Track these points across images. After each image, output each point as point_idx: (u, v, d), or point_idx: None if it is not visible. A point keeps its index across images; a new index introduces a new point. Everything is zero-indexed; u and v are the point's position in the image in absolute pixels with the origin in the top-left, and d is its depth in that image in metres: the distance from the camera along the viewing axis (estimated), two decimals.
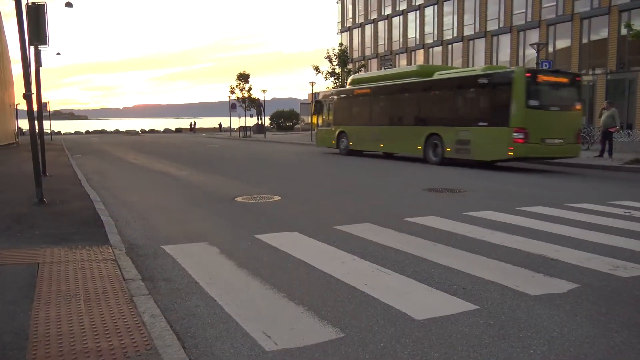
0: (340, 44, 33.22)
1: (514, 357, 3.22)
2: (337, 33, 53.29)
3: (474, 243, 6.20)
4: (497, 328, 3.67)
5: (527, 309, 4.02)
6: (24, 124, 53.99)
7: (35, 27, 12.37)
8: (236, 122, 49.55)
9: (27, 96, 8.03)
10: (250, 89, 46.98)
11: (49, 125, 46.60)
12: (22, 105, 30.36)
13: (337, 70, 32.36)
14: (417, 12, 43.11)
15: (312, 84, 35.68)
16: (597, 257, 5.54)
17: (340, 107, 21.84)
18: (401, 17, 44.91)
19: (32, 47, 12.52)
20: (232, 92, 47.23)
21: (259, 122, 51.47)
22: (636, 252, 5.73)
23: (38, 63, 12.63)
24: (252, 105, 46.84)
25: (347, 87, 22.34)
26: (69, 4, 21.70)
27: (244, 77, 46.82)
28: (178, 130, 67.88)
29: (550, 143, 14.70)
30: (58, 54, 44.71)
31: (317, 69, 32.79)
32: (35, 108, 13.43)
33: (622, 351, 3.30)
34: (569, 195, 10.10)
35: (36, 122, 13.35)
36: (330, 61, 32.28)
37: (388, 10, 46.37)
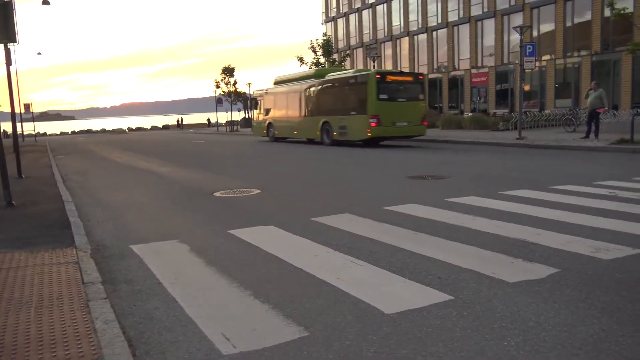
0: (324, 34, 32.84)
1: (487, 350, 3.02)
2: (322, 23, 52.89)
3: (454, 230, 6.01)
4: (471, 319, 3.47)
5: (503, 298, 3.83)
6: (8, 127, 53.29)
7: (3, 25, 12.01)
8: (224, 117, 49.13)
9: None
10: (235, 82, 46.59)
11: (32, 127, 46.01)
12: (5, 107, 29.81)
13: (322, 60, 32.00)
14: None
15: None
16: (578, 239, 5.36)
17: (268, 103, 26.62)
18: (385, 5, 44.59)
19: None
20: (218, 87, 46.81)
21: (247, 116, 51.04)
22: (619, 233, 5.55)
23: (9, 62, 12.22)
24: (239, 99, 46.39)
25: (272, 86, 26.70)
26: (46, 2, 21.26)
27: (228, 71, 46.36)
28: (165, 127, 67.30)
29: (400, 125, 19.36)
30: (39, 53, 44.08)
31: (301, 60, 32.43)
32: (9, 109, 13.08)
33: (601, 339, 3.11)
34: (553, 178, 9.94)
35: (11, 123, 13.00)
36: (315, 52, 31.93)
37: None
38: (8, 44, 12.14)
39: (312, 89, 22.69)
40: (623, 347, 2.99)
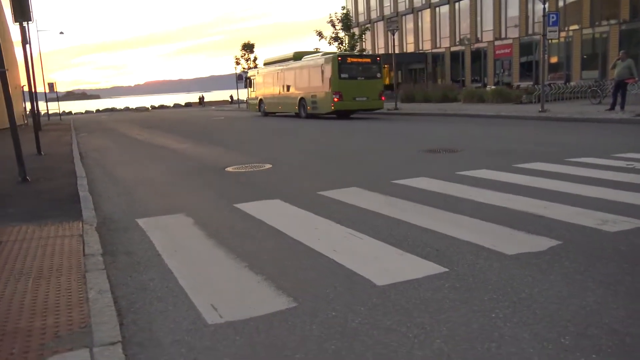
0: (343, 7, 32.30)
1: (473, 322, 2.97)
2: None
3: (460, 203, 5.91)
4: (462, 291, 3.41)
5: (499, 270, 3.75)
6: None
7: (18, 4, 12.13)
8: (245, 93, 48.99)
9: (1, 73, 7.79)
10: (255, 59, 46.31)
11: (57, 106, 46.76)
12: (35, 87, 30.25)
13: (341, 34, 31.56)
14: None
15: (316, 50, 34.93)
16: (587, 212, 5.22)
17: (258, 82, 29.99)
18: None
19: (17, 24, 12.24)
20: (238, 63, 46.66)
21: None
22: (630, 205, 5.39)
23: (25, 40, 12.38)
24: None
25: (262, 67, 30.50)
26: None
27: (248, 47, 46.14)
28: (187, 104, 67.62)
29: (359, 100, 22.44)
30: (61, 33, 44.44)
31: (320, 34, 32.02)
32: (33, 88, 13.25)
33: (593, 311, 3.03)
34: (571, 151, 9.68)
35: (30, 102, 13.18)
36: (334, 25, 31.46)
37: None
38: (24, 23, 12.26)
39: (291, 70, 25.86)
40: (614, 320, 2.91)
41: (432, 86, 34.78)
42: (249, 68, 46.37)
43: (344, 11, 31.69)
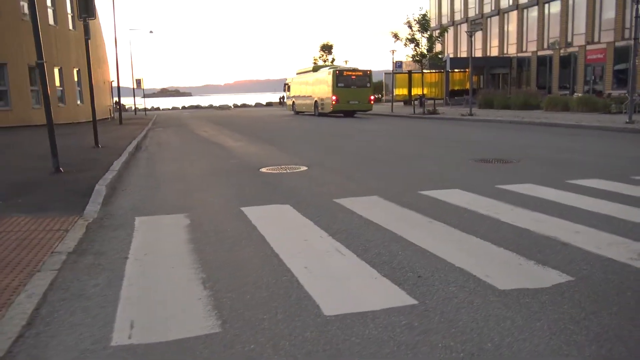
0: (421, 8, 31.28)
1: None
2: None
3: (480, 221, 5.20)
4: (416, 333, 2.81)
5: (477, 308, 3.10)
6: (128, 101, 57.45)
7: (83, 2, 12.57)
8: None
9: (39, 64, 7.95)
10: (333, 60, 46.12)
11: (143, 102, 49.17)
12: (118, 82, 31.91)
13: (417, 36, 30.55)
14: None
15: (393, 51, 34.19)
16: (626, 242, 4.36)
17: (292, 87, 37.14)
18: None
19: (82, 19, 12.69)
20: (315, 64, 46.62)
21: None
22: None
23: (87, 35, 12.81)
24: None
25: (295, 75, 36.99)
26: None
27: (327, 48, 46.03)
28: (268, 104, 68.84)
29: (352, 103, 29.32)
30: (150, 32, 46.61)
31: (395, 36, 31.18)
32: (123, 84, 13.67)
33: None
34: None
35: (90, 98, 13.58)
36: (410, 27, 30.53)
37: None
38: (87, 19, 12.68)
39: (310, 79, 33.12)
40: None
41: (514, 92, 32.88)
42: None
43: (422, 12, 30.64)
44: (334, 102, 29.12)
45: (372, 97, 30.43)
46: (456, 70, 41.93)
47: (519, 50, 39.84)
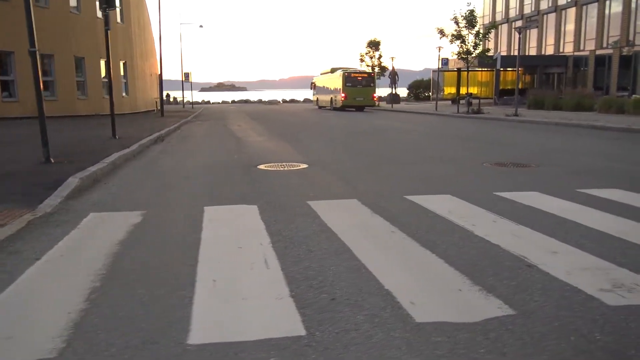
0: (469, 4, 29.95)
1: None
2: None
3: (450, 233, 4.55)
4: None
5: (371, 347, 2.52)
6: (177, 94, 58.61)
7: None
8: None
9: (31, 53, 7.82)
10: (380, 57, 45.24)
11: (190, 95, 49.96)
12: (166, 75, 32.41)
13: (464, 33, 29.29)
14: None
15: (439, 48, 33.00)
16: (608, 267, 3.63)
17: (317, 87, 43.32)
18: None
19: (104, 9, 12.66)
20: (362, 61, 45.96)
21: (393, 92, 49.59)
22: None
23: (107, 26, 12.77)
24: (382, 74, 45.13)
25: (319, 76, 43.10)
26: None
27: (374, 45, 45.16)
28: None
29: (358, 99, 35.15)
30: (200, 26, 47.23)
31: (441, 32, 30.05)
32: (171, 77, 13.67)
33: None
34: None
35: (109, 92, 13.55)
36: (457, 23, 29.32)
37: None
38: (108, 9, 12.63)
39: (328, 79, 39.21)
40: None
41: (568, 92, 31.05)
42: (374, 66, 45.62)
43: (470, 8, 29.39)
44: (342, 99, 35.08)
45: (375, 95, 36.69)
46: (508, 69, 40.17)
47: (576, 49, 37.69)
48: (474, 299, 3.09)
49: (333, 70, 38.96)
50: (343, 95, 34.95)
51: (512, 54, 43.21)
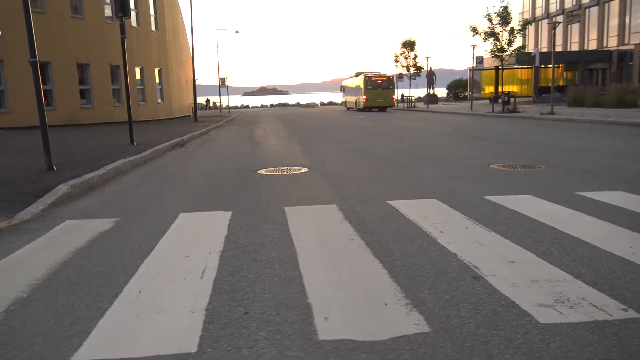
0: (502, 0, 29.01)
1: None
2: None
3: (411, 240, 4.33)
4: None
5: None
6: (215, 99, 59.51)
7: (120, 1, 12.80)
8: (412, 93, 48.01)
9: (32, 63, 8.01)
10: (415, 57, 44.60)
11: (227, 100, 50.65)
12: (201, 81, 33.02)
13: (497, 30, 28.46)
14: None
15: (474, 47, 32.21)
16: (563, 279, 3.34)
17: (345, 90, 47.19)
18: None
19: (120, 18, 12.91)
20: (397, 61, 45.44)
21: (430, 92, 48.85)
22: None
23: (123, 34, 13.02)
24: (417, 74, 44.51)
25: (347, 79, 46.49)
26: None
27: (409, 45, 44.56)
28: None
29: (379, 101, 38.89)
30: (236, 32, 47.83)
31: (474, 30, 29.29)
32: (206, 83, 13.92)
33: None
34: None
35: (126, 96, 13.78)
36: (490, 20, 28.53)
37: None
38: (123, 18, 12.89)
39: (353, 83, 42.85)
40: None
41: (611, 88, 29.69)
42: (409, 66, 45.05)
43: (504, 4, 28.53)
44: (364, 100, 38.98)
45: (394, 97, 41.02)
46: (549, 66, 38.81)
47: (620, 43, 36.06)
48: (394, 314, 2.89)
49: (357, 75, 42.55)
50: (364, 97, 38.77)
51: (551, 49, 41.80)
